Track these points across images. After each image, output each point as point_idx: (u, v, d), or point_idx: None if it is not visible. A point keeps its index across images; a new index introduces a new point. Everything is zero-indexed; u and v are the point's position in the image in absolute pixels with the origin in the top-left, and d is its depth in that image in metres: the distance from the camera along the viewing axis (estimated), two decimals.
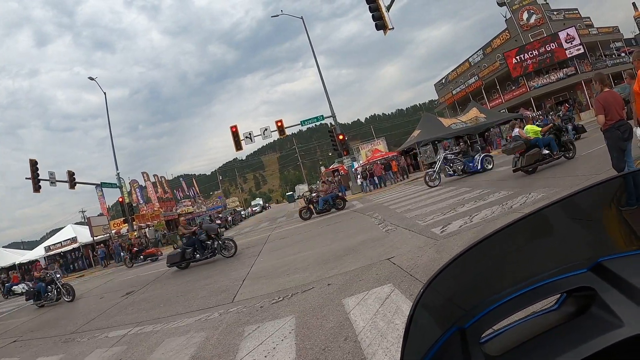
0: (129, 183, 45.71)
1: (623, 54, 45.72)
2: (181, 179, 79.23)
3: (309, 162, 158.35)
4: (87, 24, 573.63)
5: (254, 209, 73.68)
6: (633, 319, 0.60)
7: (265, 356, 4.03)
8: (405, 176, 31.79)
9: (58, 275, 14.44)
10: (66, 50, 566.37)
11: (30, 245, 67.70)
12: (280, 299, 6.09)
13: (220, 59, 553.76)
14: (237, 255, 12.79)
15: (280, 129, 30.02)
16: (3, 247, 48.07)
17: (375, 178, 31.46)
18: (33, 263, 36.26)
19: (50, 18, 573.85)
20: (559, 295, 0.73)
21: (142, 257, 22.45)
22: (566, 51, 42.36)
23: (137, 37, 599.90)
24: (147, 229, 37.82)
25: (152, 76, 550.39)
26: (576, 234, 0.83)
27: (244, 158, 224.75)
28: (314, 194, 21.90)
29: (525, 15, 47.81)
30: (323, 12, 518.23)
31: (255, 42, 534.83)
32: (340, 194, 21.83)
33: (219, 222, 32.50)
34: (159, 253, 23.24)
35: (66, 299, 13.75)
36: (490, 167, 17.50)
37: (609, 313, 0.63)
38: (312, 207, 20.85)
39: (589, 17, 51.91)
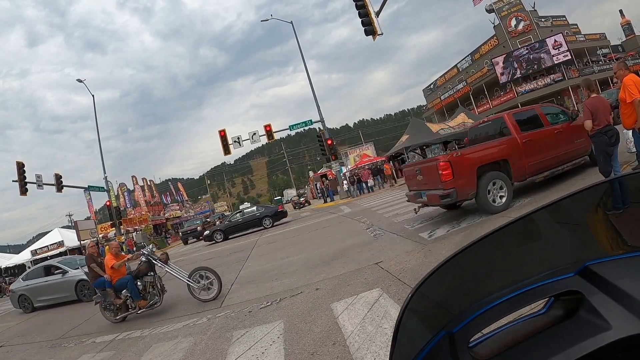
0: (118, 187, 45.44)
1: (610, 60, 46.36)
2: (169, 182, 78.79)
3: (298, 167, 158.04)
4: (79, 25, 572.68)
5: None
6: (620, 321, 0.60)
7: None
8: (393, 181, 31.83)
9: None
10: (57, 50, 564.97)
11: (17, 249, 66.68)
12: (269, 303, 6.06)
13: (212, 62, 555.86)
14: (224, 262, 12.65)
15: (269, 134, 30.04)
16: None
17: (363, 183, 31.52)
18: (19, 267, 35.72)
19: (42, 18, 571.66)
20: (547, 299, 0.73)
21: None
22: (553, 57, 42.81)
23: (128, 38, 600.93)
24: (134, 233, 37.58)
25: (143, 78, 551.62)
26: (563, 238, 0.84)
27: (232, 162, 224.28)
28: None
29: (513, 22, 48.30)
30: (314, 17, 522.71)
31: (247, 45, 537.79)
32: None
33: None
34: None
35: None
36: None
37: (597, 316, 0.63)
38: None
39: (576, 24, 52.64)
